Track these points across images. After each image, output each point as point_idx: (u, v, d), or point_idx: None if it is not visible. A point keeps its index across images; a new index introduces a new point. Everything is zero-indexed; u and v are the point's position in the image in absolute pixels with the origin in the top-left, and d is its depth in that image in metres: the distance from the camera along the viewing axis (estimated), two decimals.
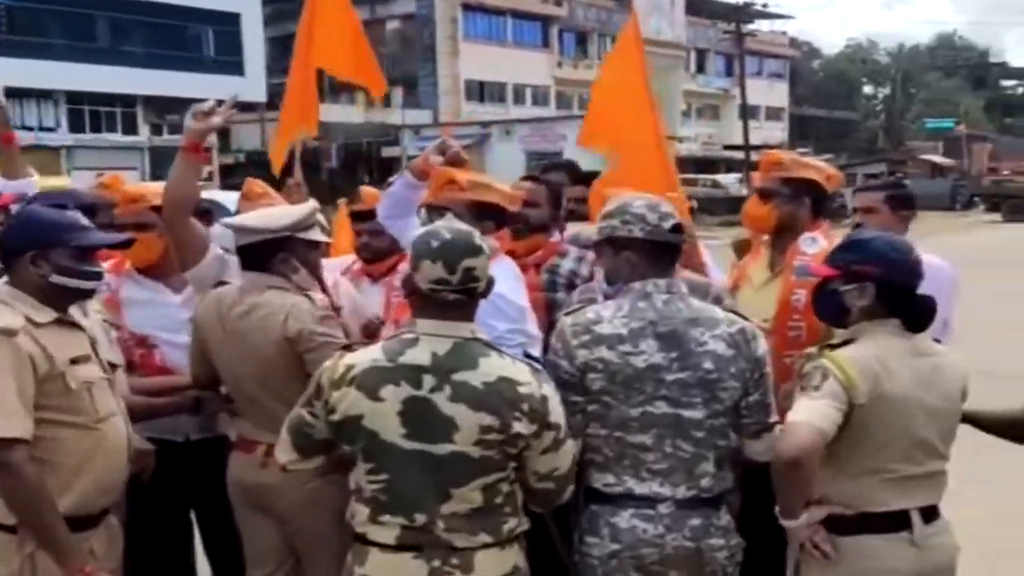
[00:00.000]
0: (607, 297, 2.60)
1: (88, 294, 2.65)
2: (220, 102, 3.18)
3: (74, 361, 2.50)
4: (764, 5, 42.31)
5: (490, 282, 2.35)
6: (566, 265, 3.49)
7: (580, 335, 2.47)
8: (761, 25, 49.68)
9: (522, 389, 2.25)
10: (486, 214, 3.02)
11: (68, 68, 30.64)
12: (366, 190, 3.93)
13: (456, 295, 2.28)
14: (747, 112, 37.77)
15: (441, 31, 39.96)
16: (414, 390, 2.25)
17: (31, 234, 2.54)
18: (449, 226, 2.35)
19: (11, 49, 29.84)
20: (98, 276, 2.64)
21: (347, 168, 35.49)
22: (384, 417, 2.26)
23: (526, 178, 3.93)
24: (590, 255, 3.33)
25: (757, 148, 36.75)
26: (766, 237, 3.40)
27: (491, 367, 2.26)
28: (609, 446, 2.47)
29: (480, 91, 41.70)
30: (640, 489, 2.45)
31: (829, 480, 2.44)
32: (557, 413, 2.31)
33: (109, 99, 33.28)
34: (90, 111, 33.35)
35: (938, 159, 41.66)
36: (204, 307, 2.99)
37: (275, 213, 3.02)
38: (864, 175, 38.13)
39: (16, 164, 3.76)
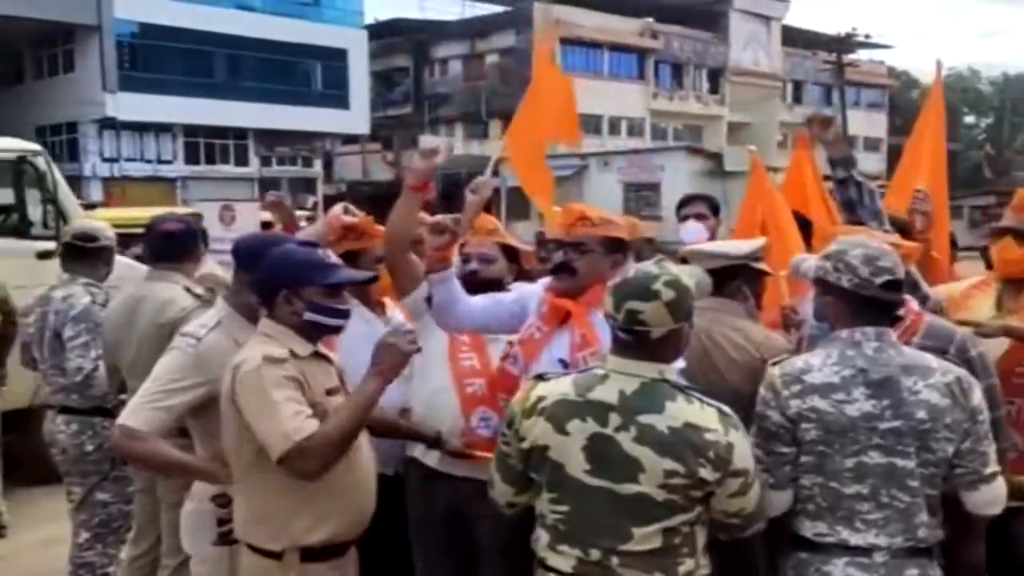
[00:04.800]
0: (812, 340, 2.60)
1: (337, 330, 2.74)
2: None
3: (329, 392, 2.61)
4: (867, 36, 41.77)
5: (676, 334, 2.30)
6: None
7: (791, 385, 2.42)
8: (860, 55, 49.07)
9: (708, 436, 2.23)
10: (616, 247, 3.10)
11: (186, 103, 32.00)
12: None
13: (623, 334, 2.30)
14: (848, 143, 37.33)
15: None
16: (600, 427, 2.27)
17: (285, 272, 2.64)
18: (645, 267, 2.36)
19: (133, 85, 31.41)
20: (346, 314, 2.72)
21: (447, 199, 36.11)
22: (569, 451, 2.29)
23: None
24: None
25: None
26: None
27: (678, 412, 2.24)
28: (823, 496, 2.41)
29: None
30: (855, 540, 2.39)
31: None
32: (744, 459, 2.27)
33: (223, 132, 34.53)
34: (205, 144, 34.63)
35: None
36: None
37: (734, 242, 3.18)
38: (970, 207, 37.09)
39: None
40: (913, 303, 2.99)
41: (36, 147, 6.97)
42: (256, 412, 2.49)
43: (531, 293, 3.24)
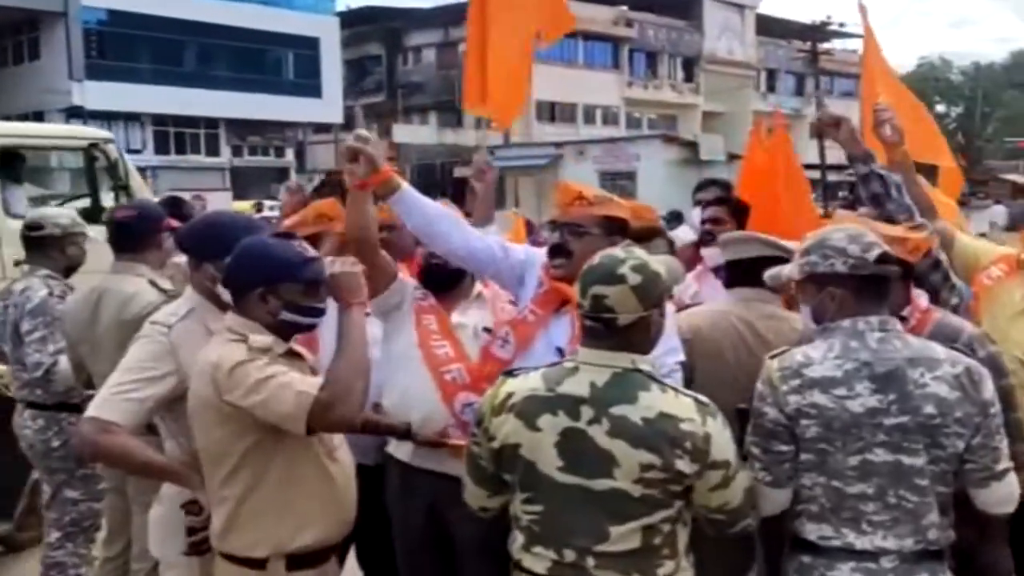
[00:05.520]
0: (806, 339, 2.45)
1: (311, 329, 2.62)
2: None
3: None
4: (841, 25, 41.83)
5: (645, 322, 2.20)
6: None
7: (789, 379, 2.29)
8: (833, 44, 49.20)
9: (684, 426, 2.13)
10: (616, 228, 2.97)
11: (154, 91, 31.66)
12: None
13: (590, 322, 2.21)
14: (823, 131, 37.41)
15: None
16: (572, 421, 2.18)
17: (261, 269, 2.48)
18: (611, 251, 2.29)
19: (100, 73, 31.01)
20: (323, 312, 2.56)
21: (421, 188, 35.78)
22: (541, 447, 2.20)
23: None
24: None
25: (832, 168, 36.29)
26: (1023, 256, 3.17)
27: (652, 401, 2.15)
28: (826, 496, 2.28)
29: (551, 111, 42.00)
30: (861, 543, 2.25)
31: None
32: (724, 450, 2.18)
33: (193, 121, 34.21)
34: (175, 133, 34.31)
35: (1020, 179, 40.78)
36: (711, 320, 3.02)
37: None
38: None
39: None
40: (922, 299, 2.86)
41: (107, 134, 7.20)
42: (260, 395, 2.33)
43: (535, 261, 3.06)
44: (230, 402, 2.36)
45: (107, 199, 6.90)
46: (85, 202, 7.27)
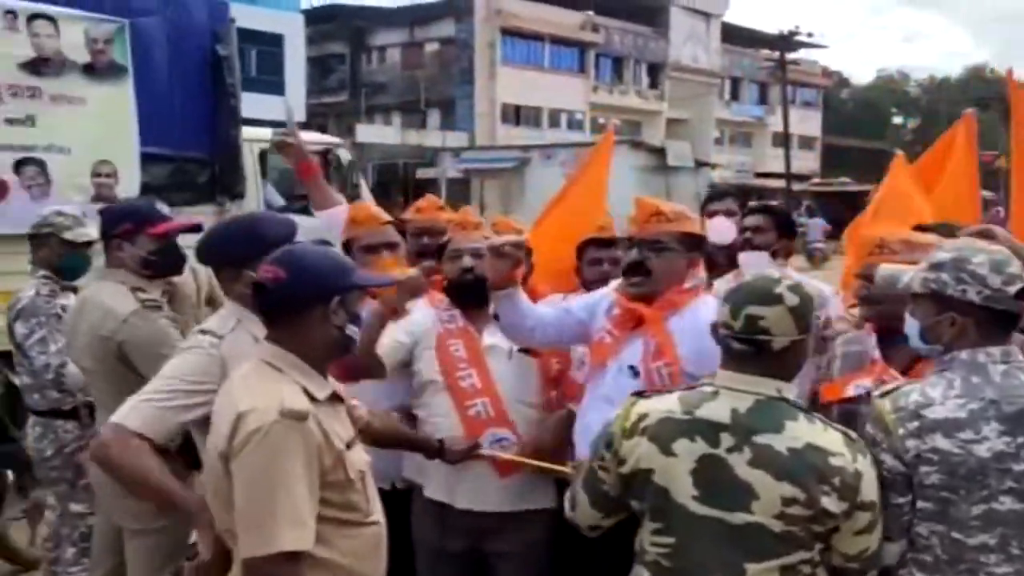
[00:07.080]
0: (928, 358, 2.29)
1: (352, 349, 2.27)
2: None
3: (348, 445, 2.15)
4: (809, 35, 42.17)
5: (799, 346, 2.09)
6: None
7: (906, 422, 2.10)
8: (800, 53, 49.65)
9: (834, 460, 2.01)
10: (694, 245, 2.94)
11: None
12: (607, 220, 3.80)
13: (740, 344, 2.08)
14: (788, 140, 37.63)
15: (479, 55, 40.10)
16: (710, 448, 2.05)
17: (332, 277, 2.16)
18: (763, 272, 2.18)
19: None
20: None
21: (381, 188, 35.62)
22: (676, 474, 2.07)
23: (754, 210, 3.85)
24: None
25: (796, 177, 36.58)
26: None
27: (799, 432, 2.03)
28: (943, 547, 2.11)
29: (516, 115, 41.82)
30: None
31: None
32: (873, 490, 2.06)
33: None
34: None
35: (985, 194, 41.40)
36: None
37: None
38: None
39: (326, 193, 3.86)
40: None
41: (338, 140, 8.11)
42: (250, 492, 1.96)
43: (598, 297, 3.08)
44: (230, 466, 2.00)
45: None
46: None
